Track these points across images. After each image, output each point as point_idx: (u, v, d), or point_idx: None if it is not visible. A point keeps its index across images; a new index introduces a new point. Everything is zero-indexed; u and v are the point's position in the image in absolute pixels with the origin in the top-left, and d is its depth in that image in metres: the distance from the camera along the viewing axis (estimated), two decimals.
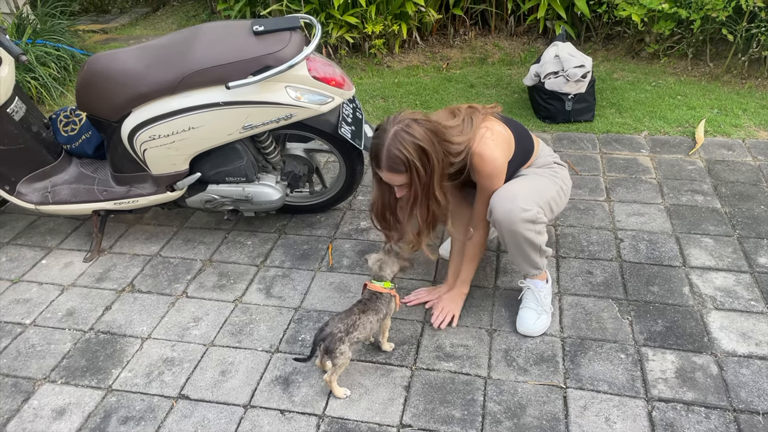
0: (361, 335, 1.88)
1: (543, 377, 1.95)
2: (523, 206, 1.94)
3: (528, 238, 1.99)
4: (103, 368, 2.09)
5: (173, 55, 2.24)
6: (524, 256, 2.06)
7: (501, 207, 1.95)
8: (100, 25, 6.02)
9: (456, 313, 2.19)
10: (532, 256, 2.05)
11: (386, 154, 1.79)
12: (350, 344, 1.86)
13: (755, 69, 3.95)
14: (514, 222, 1.95)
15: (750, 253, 2.42)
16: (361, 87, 4.19)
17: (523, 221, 1.95)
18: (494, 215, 1.98)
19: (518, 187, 2.00)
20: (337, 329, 1.84)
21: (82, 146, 2.69)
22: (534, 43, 4.63)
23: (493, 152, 1.94)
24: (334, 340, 1.83)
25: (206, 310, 2.32)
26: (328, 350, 1.83)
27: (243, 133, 2.32)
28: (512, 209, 1.94)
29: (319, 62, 2.34)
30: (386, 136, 1.78)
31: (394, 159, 1.78)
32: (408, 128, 1.77)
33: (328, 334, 1.84)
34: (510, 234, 1.99)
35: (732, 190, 2.83)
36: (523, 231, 1.97)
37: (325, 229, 2.74)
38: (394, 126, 1.78)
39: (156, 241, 2.74)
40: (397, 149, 1.77)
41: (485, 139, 1.93)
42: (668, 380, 1.91)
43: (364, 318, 1.90)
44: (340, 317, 1.89)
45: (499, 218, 1.96)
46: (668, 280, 2.31)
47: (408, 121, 1.78)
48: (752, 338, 2.04)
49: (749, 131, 3.33)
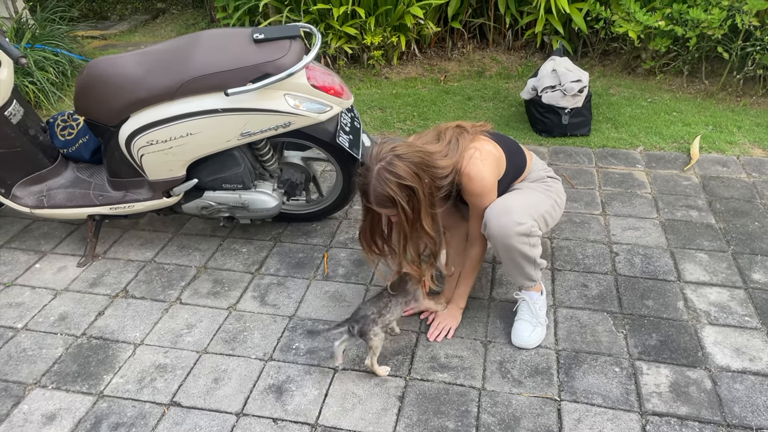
0: (392, 317, 1.97)
1: (537, 389, 1.95)
2: (517, 220, 1.95)
3: (522, 252, 1.99)
4: (95, 374, 2.07)
5: (173, 61, 2.25)
6: (519, 268, 2.06)
7: (495, 221, 1.96)
8: (99, 31, 6.03)
9: (453, 326, 2.18)
10: (526, 268, 2.06)
11: (373, 193, 1.80)
12: (382, 326, 1.94)
13: (750, 87, 3.99)
14: (509, 236, 1.95)
15: (744, 269, 2.43)
16: (359, 97, 4.20)
17: (517, 234, 1.95)
18: (488, 229, 1.98)
19: (512, 201, 2.00)
20: (370, 311, 1.93)
21: (79, 150, 2.69)
22: (531, 58, 4.66)
23: (481, 172, 1.94)
24: (368, 321, 1.91)
25: (200, 316, 2.31)
26: (362, 332, 1.91)
27: (241, 140, 2.32)
28: (507, 223, 1.94)
29: (318, 71, 2.35)
30: (371, 174, 1.78)
31: (380, 197, 1.80)
32: (390, 166, 1.77)
33: (362, 316, 1.92)
34: (504, 248, 1.99)
35: (726, 206, 2.85)
36: (518, 244, 1.97)
37: (321, 238, 2.74)
38: (377, 164, 1.78)
39: (151, 246, 2.73)
40: (382, 189, 1.78)
41: (473, 159, 1.93)
42: (662, 394, 1.91)
43: (395, 300, 1.99)
44: (372, 301, 1.98)
45: (494, 232, 1.97)
46: (663, 295, 2.32)
47: (390, 157, 1.77)
48: (746, 354, 2.04)
49: (744, 148, 3.36)
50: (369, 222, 2.01)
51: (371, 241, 2.05)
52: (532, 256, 2.02)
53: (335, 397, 1.95)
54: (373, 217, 2.00)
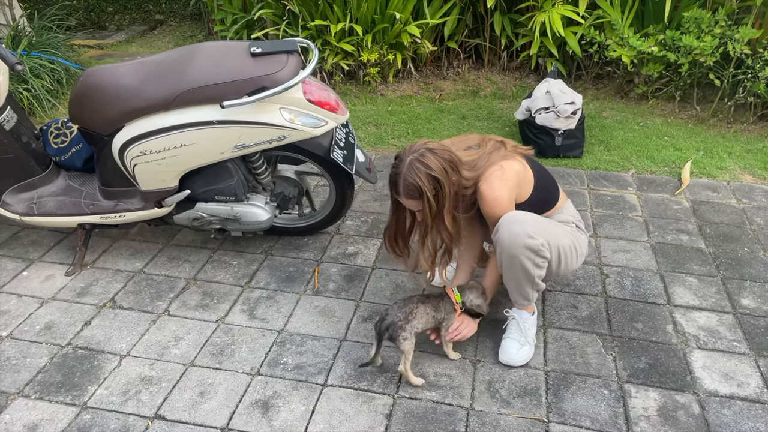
0: (419, 324, 1.99)
1: (526, 410, 1.94)
2: (529, 233, 1.93)
3: (525, 267, 1.97)
4: (79, 384, 2.05)
5: (169, 72, 2.25)
6: (517, 284, 2.05)
7: (507, 228, 1.94)
8: (97, 40, 6.04)
9: (468, 335, 2.13)
10: (524, 286, 2.05)
11: (402, 182, 1.88)
12: (412, 332, 1.96)
13: (741, 114, 4.04)
14: (517, 245, 1.93)
15: (733, 294, 2.44)
16: (354, 113, 4.22)
17: (525, 247, 1.93)
18: (498, 234, 1.96)
19: (530, 218, 1.98)
20: (397, 318, 1.96)
21: (71, 159, 2.67)
22: (526, 79, 4.71)
23: (494, 191, 1.95)
24: (396, 328, 1.94)
25: (188, 329, 2.29)
26: (392, 338, 1.95)
27: (235, 152, 2.32)
28: (518, 232, 1.92)
29: (314, 86, 2.36)
30: (403, 165, 1.88)
31: (409, 187, 1.87)
32: (422, 158, 1.86)
33: (390, 323, 1.96)
34: (509, 258, 1.97)
35: (716, 231, 2.87)
36: (523, 258, 1.95)
37: (312, 253, 2.73)
38: (410, 155, 1.87)
39: (140, 257, 2.71)
40: (411, 178, 1.86)
41: (493, 176, 1.95)
42: (650, 418, 1.91)
43: (422, 308, 2.01)
44: (399, 306, 2.01)
45: (503, 239, 1.95)
46: (652, 318, 2.32)
47: (423, 150, 1.87)
48: (734, 379, 2.05)
49: (734, 174, 3.39)
50: (395, 221, 2.10)
51: (393, 240, 2.13)
52: (533, 275, 2.00)
53: (322, 413, 1.93)
54: (399, 216, 2.08)
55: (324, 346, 2.20)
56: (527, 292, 2.07)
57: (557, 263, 2.08)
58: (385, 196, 3.19)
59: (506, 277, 2.06)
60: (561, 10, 4.13)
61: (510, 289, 2.10)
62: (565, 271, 2.15)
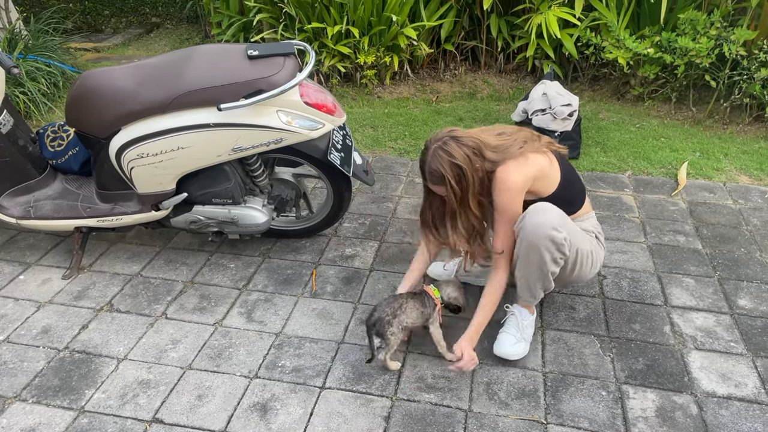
0: (407, 319, 2.02)
1: (524, 412, 1.94)
2: (555, 225, 1.93)
3: (543, 259, 1.96)
4: (77, 388, 2.04)
5: (166, 75, 2.25)
6: (529, 277, 2.04)
7: (533, 218, 1.94)
8: (93, 43, 6.04)
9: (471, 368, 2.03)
10: (536, 281, 2.04)
11: (427, 169, 1.95)
12: (399, 327, 2.00)
13: (737, 115, 4.05)
14: (540, 236, 1.93)
15: (730, 295, 2.45)
16: (351, 116, 4.22)
17: (548, 238, 1.92)
18: (524, 222, 1.96)
19: (558, 212, 1.98)
20: (385, 313, 2.00)
21: (68, 162, 2.67)
22: (522, 81, 4.72)
23: (511, 174, 1.95)
24: (383, 323, 1.98)
25: (185, 332, 2.28)
26: (379, 333, 1.99)
27: (232, 155, 2.32)
28: (543, 222, 1.92)
29: (311, 88, 2.36)
30: (428, 152, 1.94)
31: (433, 173, 1.94)
32: (445, 145, 1.91)
33: (377, 319, 2.00)
34: (529, 247, 1.95)
35: (713, 232, 2.88)
36: (543, 250, 1.94)
37: (310, 255, 2.73)
38: (434, 143, 1.94)
39: (137, 260, 2.71)
40: (435, 165, 1.92)
41: (510, 163, 1.96)
42: (648, 419, 1.91)
43: (411, 303, 2.05)
44: (387, 302, 2.04)
45: (527, 227, 1.94)
46: (650, 319, 2.32)
47: (447, 138, 1.93)
48: (732, 379, 2.05)
49: (730, 175, 3.40)
50: (428, 206, 2.13)
51: (431, 225, 2.15)
52: (548, 270, 2.00)
53: (320, 416, 1.93)
54: (431, 201, 2.11)
55: (322, 348, 2.20)
56: (536, 288, 2.07)
57: (572, 266, 2.08)
58: (382, 198, 3.19)
59: (520, 268, 2.04)
60: (557, 12, 4.14)
61: (520, 283, 2.09)
62: (577, 277, 2.15)
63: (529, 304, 2.16)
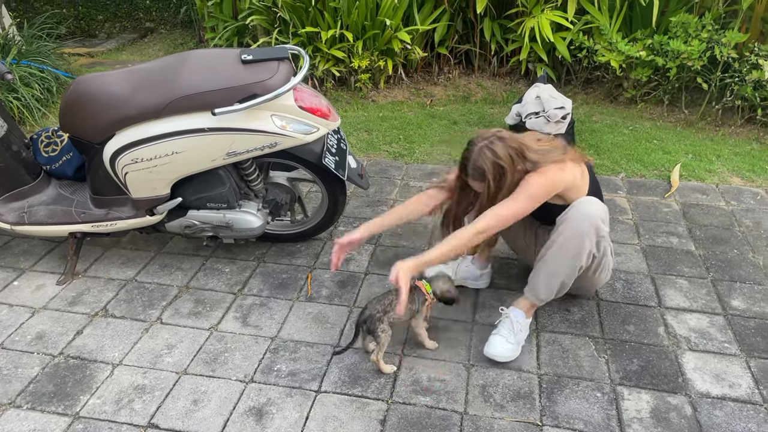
0: (396, 315, 2.02)
1: (519, 414, 1.95)
2: (604, 218, 2.03)
3: (582, 249, 2.02)
4: (71, 394, 2.03)
5: (160, 80, 2.25)
6: (556, 269, 2.07)
7: (585, 206, 2.02)
8: (87, 48, 6.03)
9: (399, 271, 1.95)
10: (560, 274, 2.07)
11: (471, 165, 2.02)
12: (389, 323, 2.02)
13: (728, 117, 4.08)
14: (588, 224, 2.00)
15: (723, 296, 2.46)
16: (345, 120, 4.23)
17: (594, 228, 2.01)
18: (572, 209, 2.02)
19: (605, 209, 2.07)
20: (375, 310, 2.02)
21: (62, 167, 2.67)
22: (516, 84, 4.74)
23: (549, 168, 2.01)
24: (374, 320, 2.00)
25: (180, 337, 2.28)
26: (370, 330, 2.01)
27: (227, 159, 2.32)
28: (594, 212, 2.01)
29: (305, 93, 2.37)
30: (474, 149, 2.01)
31: (476, 170, 2.01)
32: (492, 145, 1.99)
33: (368, 316, 2.02)
34: (572, 234, 2.01)
35: (706, 233, 2.89)
36: (585, 238, 2.01)
37: (305, 259, 2.73)
38: (481, 142, 2.01)
39: (132, 265, 2.70)
40: (480, 162, 1.99)
41: (554, 165, 2.03)
42: (643, 420, 1.92)
43: None
44: (378, 299, 2.07)
45: (576, 213, 2.01)
46: (644, 320, 2.33)
47: (493, 138, 2.00)
48: (725, 380, 2.06)
49: (722, 177, 3.43)
50: (456, 202, 2.21)
51: (452, 218, 2.23)
52: (578, 265, 2.05)
53: (316, 420, 1.93)
54: (461, 197, 2.19)
55: (317, 352, 2.20)
56: (556, 282, 2.10)
57: (596, 268, 2.17)
58: (377, 201, 3.20)
59: (551, 257, 2.07)
60: (550, 15, 4.16)
61: (542, 273, 2.11)
62: (596, 281, 2.26)
63: (532, 305, 2.17)
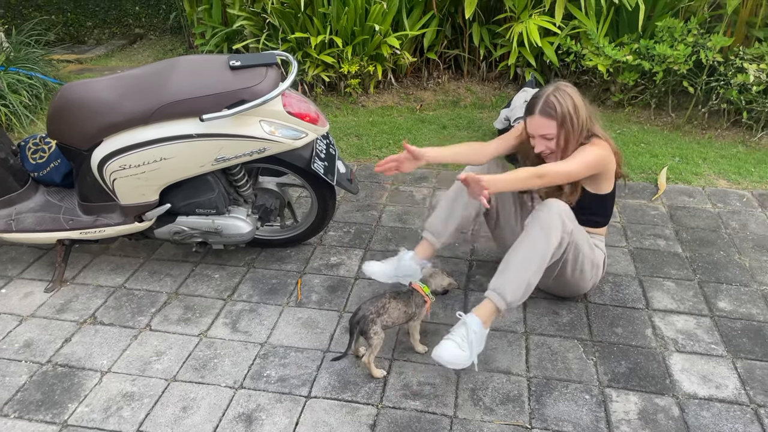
0: (389, 319, 2.05)
1: (509, 417, 1.95)
2: (566, 213, 2.08)
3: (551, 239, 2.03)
4: (59, 402, 2.02)
5: (148, 86, 2.25)
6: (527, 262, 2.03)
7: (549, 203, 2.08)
8: (76, 55, 6.01)
9: None
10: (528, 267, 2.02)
11: (545, 99, 2.08)
12: (382, 326, 2.03)
13: (715, 120, 4.12)
14: (554, 214, 2.05)
15: (710, 297, 2.48)
16: (335, 125, 4.24)
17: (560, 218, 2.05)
18: (537, 210, 2.09)
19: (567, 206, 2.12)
20: (369, 312, 2.02)
21: (50, 174, 2.66)
22: (505, 89, 4.76)
23: (602, 148, 2.12)
24: (367, 321, 2.01)
25: (170, 343, 2.27)
26: (362, 332, 2.02)
27: (215, 165, 2.32)
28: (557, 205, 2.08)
29: (294, 98, 2.37)
30: (548, 89, 2.10)
31: (551, 105, 2.07)
32: (568, 88, 2.11)
33: (361, 317, 2.02)
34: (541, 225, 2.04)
35: (693, 235, 2.92)
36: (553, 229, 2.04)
37: (295, 264, 2.73)
38: (556, 84, 2.11)
39: (121, 272, 2.69)
40: (555, 98, 2.07)
41: (605, 144, 2.15)
42: (631, 422, 1.93)
43: (394, 303, 2.07)
44: (371, 301, 2.07)
45: (543, 208, 2.07)
46: (632, 322, 2.35)
47: (570, 86, 2.12)
48: (712, 381, 2.08)
49: (709, 179, 3.46)
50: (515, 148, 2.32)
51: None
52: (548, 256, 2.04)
53: (306, 425, 1.93)
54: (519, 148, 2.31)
55: (307, 357, 2.20)
56: (521, 281, 2.00)
57: (573, 267, 2.20)
58: (367, 206, 3.21)
59: (516, 255, 2.05)
60: (538, 20, 4.19)
61: (506, 272, 2.03)
62: (578, 281, 2.28)
63: (493, 311, 2.02)
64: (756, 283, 2.57)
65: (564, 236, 2.08)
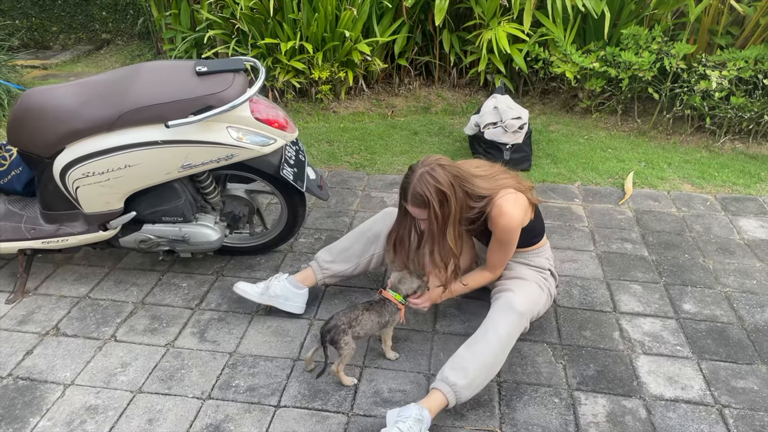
0: (361, 331, 2.04)
1: (479, 422, 1.95)
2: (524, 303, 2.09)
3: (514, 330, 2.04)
4: (20, 417, 1.96)
5: (112, 92, 2.21)
6: (487, 350, 1.97)
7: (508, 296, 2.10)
8: (40, 60, 5.89)
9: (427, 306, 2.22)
10: (490, 353, 1.97)
11: (411, 191, 1.97)
12: (353, 337, 2.02)
13: (679, 126, 4.21)
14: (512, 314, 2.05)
15: (675, 300, 2.53)
16: (306, 131, 4.22)
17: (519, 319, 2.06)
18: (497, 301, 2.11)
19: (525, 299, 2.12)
20: (341, 322, 2.02)
21: (11, 182, 2.58)
22: (475, 95, 4.80)
23: (512, 209, 2.05)
24: (338, 331, 2.00)
25: (135, 354, 2.23)
26: (333, 341, 2.00)
27: (182, 172, 2.29)
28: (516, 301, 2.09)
29: (262, 104, 2.35)
30: (414, 176, 1.97)
31: (416, 196, 1.97)
32: (433, 171, 1.95)
33: (332, 326, 2.01)
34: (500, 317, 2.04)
35: (658, 239, 2.97)
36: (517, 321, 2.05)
37: (265, 272, 2.70)
38: (421, 168, 1.97)
39: (85, 282, 2.63)
40: (420, 189, 1.95)
41: (508, 196, 2.06)
42: (599, 424, 1.95)
43: (366, 315, 2.06)
44: (344, 312, 2.06)
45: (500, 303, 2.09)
46: (599, 325, 2.38)
47: (434, 165, 1.96)
48: (678, 382, 2.11)
49: (674, 184, 3.53)
50: (397, 228, 2.19)
51: (396, 242, 2.21)
52: (511, 342, 2.04)
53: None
54: (402, 223, 2.17)
55: (277, 366, 2.17)
56: (482, 379, 1.95)
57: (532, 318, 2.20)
58: (338, 212, 3.19)
59: (479, 339, 2.00)
60: (506, 28, 4.24)
61: (467, 362, 1.95)
62: (538, 315, 2.29)
63: (445, 403, 1.90)
64: (719, 285, 2.62)
65: (529, 319, 2.12)
